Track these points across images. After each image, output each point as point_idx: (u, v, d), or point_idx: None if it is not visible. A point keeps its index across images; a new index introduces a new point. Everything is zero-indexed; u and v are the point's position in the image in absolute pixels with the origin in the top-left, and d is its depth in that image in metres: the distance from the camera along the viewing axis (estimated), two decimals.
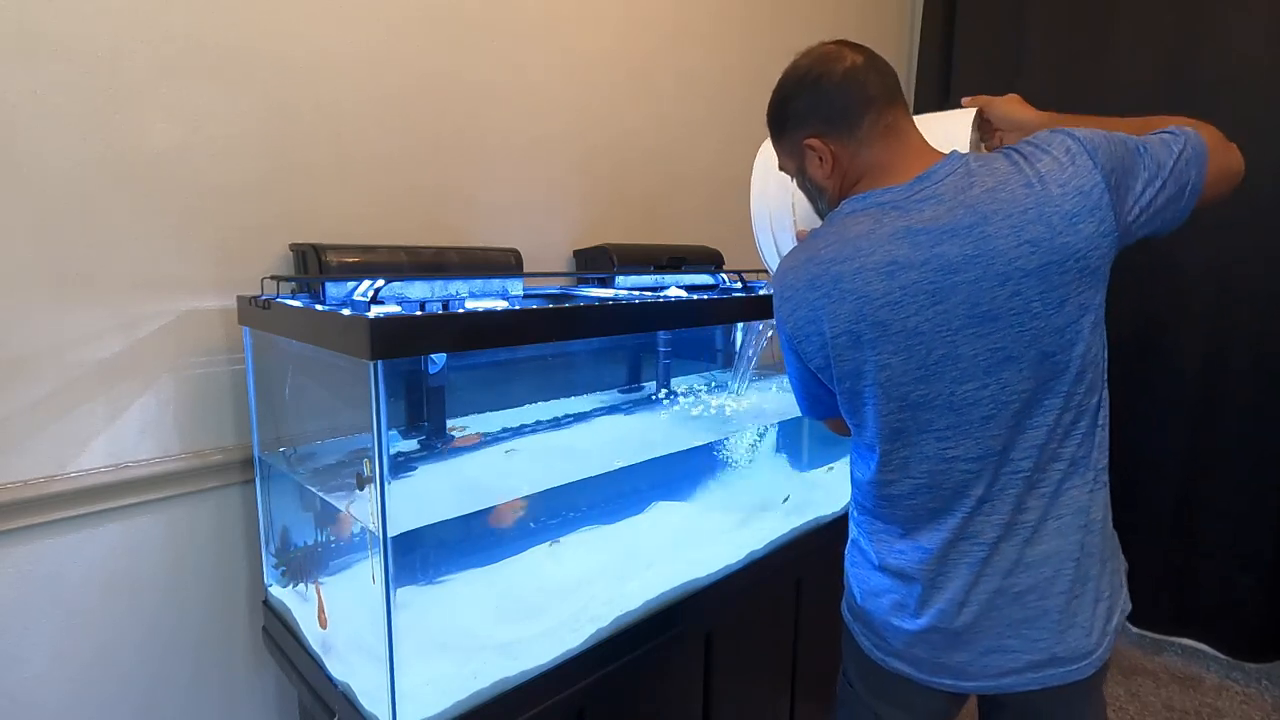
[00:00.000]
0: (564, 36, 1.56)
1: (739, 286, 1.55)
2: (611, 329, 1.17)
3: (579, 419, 1.48)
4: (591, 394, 1.63)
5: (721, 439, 1.61)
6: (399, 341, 0.83)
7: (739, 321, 1.85)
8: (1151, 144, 0.78)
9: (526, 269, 1.43)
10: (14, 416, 0.96)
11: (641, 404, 1.63)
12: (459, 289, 1.09)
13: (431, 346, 0.98)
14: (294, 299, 1.06)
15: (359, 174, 1.26)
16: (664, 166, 1.84)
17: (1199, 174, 0.78)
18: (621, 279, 1.48)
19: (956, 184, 0.77)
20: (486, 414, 1.42)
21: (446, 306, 0.94)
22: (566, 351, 1.61)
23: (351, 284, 1.04)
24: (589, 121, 1.64)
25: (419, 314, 0.86)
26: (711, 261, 1.73)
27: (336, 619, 1.06)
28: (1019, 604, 0.81)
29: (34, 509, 0.98)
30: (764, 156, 1.15)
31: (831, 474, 1.79)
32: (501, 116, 1.46)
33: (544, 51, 1.52)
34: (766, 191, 1.12)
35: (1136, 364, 2.21)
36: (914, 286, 0.75)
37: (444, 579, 1.20)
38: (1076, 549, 0.80)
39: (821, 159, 0.85)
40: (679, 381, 1.77)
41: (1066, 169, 0.74)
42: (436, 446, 1.24)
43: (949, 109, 1.00)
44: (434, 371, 1.23)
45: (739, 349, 1.71)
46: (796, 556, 1.44)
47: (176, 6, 1.04)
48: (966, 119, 0.95)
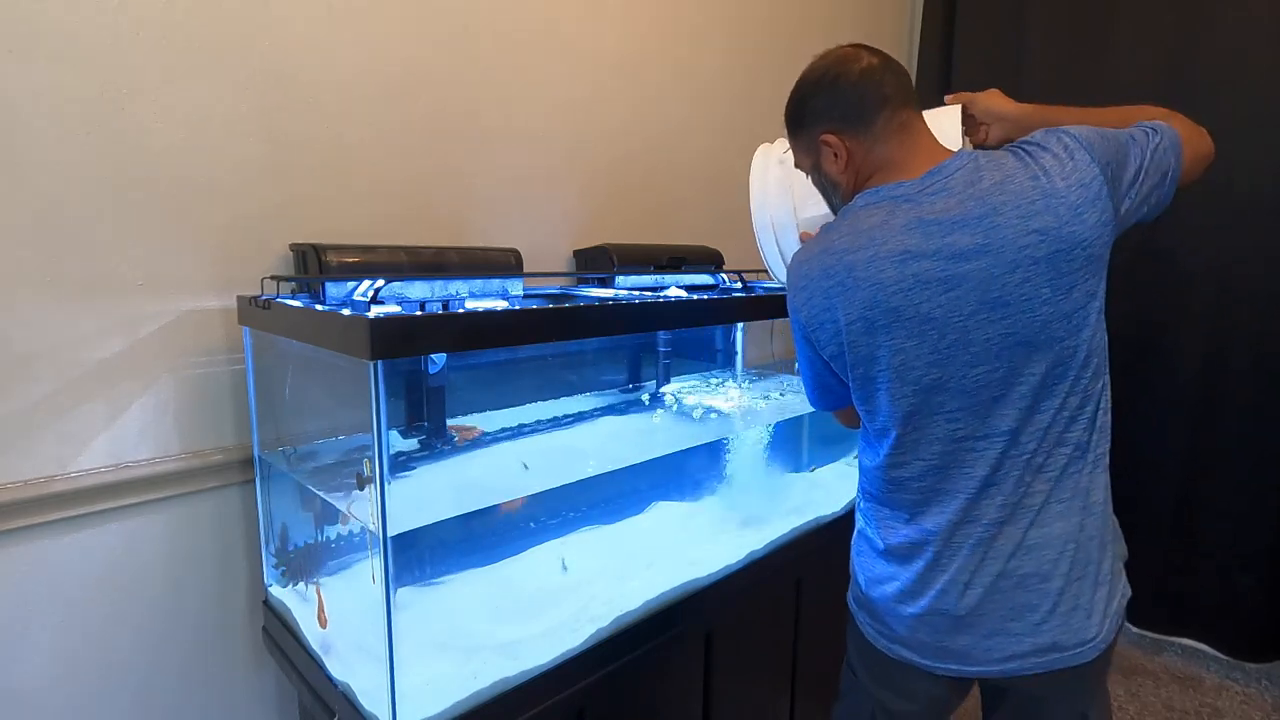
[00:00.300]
0: (565, 37, 1.56)
1: (739, 286, 1.55)
2: (611, 329, 1.17)
3: (579, 419, 1.48)
4: (591, 394, 1.63)
5: (722, 439, 1.61)
6: (399, 341, 0.83)
7: (739, 321, 1.85)
8: (1136, 136, 0.85)
9: (526, 269, 1.43)
10: (14, 416, 0.96)
11: (641, 404, 1.63)
12: (459, 289, 1.09)
13: (431, 346, 0.98)
14: (294, 299, 1.06)
15: (359, 174, 1.26)
16: (664, 167, 1.84)
17: (1177, 160, 0.85)
18: (621, 279, 1.48)
19: (966, 178, 0.80)
20: (486, 413, 1.42)
21: (446, 306, 0.94)
22: (566, 351, 1.61)
23: (351, 284, 1.04)
24: (589, 122, 1.64)
25: (419, 314, 0.87)
26: (711, 261, 1.73)
27: (337, 619, 1.06)
28: (1022, 587, 0.82)
29: (34, 509, 0.98)
30: (760, 162, 1.16)
31: (831, 473, 1.79)
32: (502, 117, 1.46)
33: (544, 52, 1.52)
34: (766, 194, 1.13)
35: (1136, 364, 2.21)
36: (926, 274, 0.78)
37: (444, 579, 1.20)
38: (1076, 531, 0.82)
39: (836, 154, 0.88)
40: (679, 381, 1.77)
41: (1067, 164, 0.79)
42: (436, 446, 1.24)
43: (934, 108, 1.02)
44: (434, 371, 1.24)
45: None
46: (796, 556, 1.44)
47: (177, 6, 1.04)
48: (954, 115, 1.00)
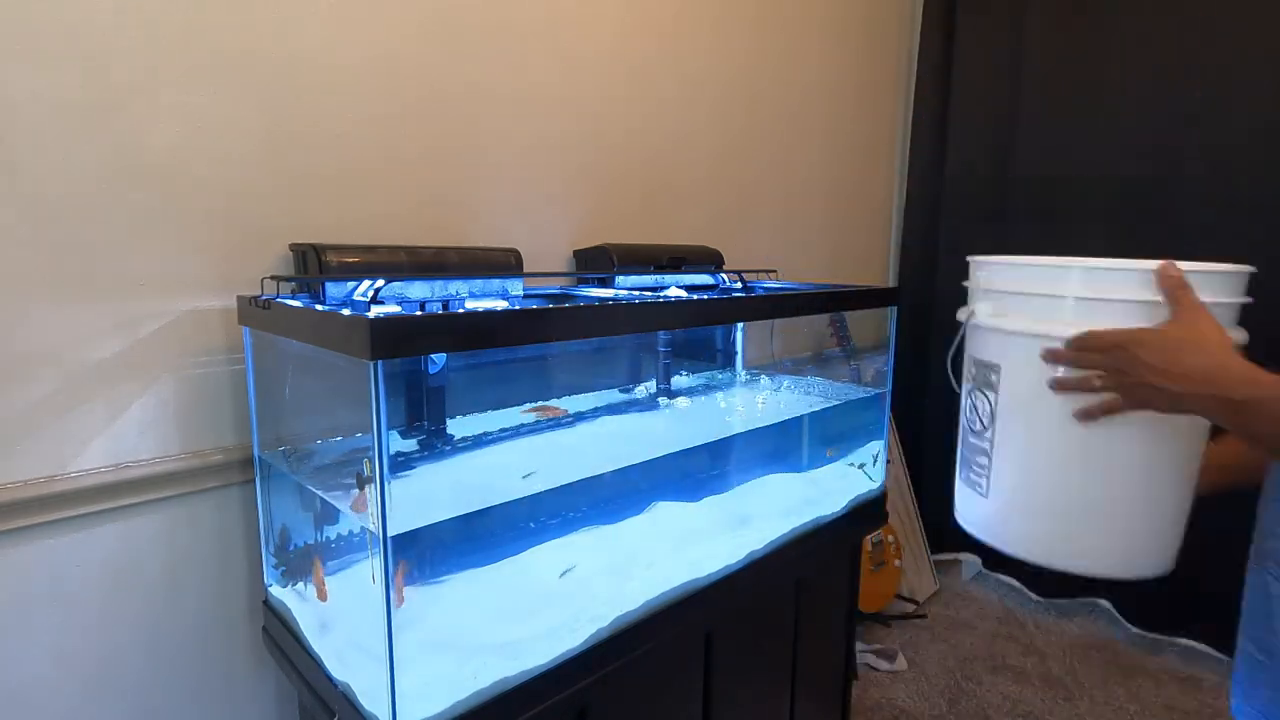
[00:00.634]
0: (564, 37, 1.56)
1: (739, 286, 1.56)
2: (611, 329, 1.17)
3: (579, 418, 1.48)
4: (591, 393, 1.63)
5: (722, 438, 1.61)
6: (399, 341, 0.83)
7: (739, 321, 1.85)
8: None
9: (526, 269, 1.43)
10: (14, 416, 0.96)
11: (641, 403, 1.63)
12: (459, 289, 1.09)
13: (431, 346, 0.98)
14: (294, 299, 1.06)
15: (359, 174, 1.26)
16: (664, 166, 1.84)
17: None
18: (621, 279, 1.48)
19: None
20: (486, 413, 1.42)
21: (446, 306, 0.95)
22: (566, 351, 1.61)
23: (351, 284, 1.04)
24: (589, 121, 1.64)
25: (419, 314, 0.87)
26: (711, 261, 1.73)
27: (336, 619, 1.06)
28: None
29: (34, 509, 0.98)
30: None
31: (831, 473, 1.79)
32: (502, 116, 1.46)
33: (544, 51, 1.52)
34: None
35: None
36: None
37: (444, 579, 1.20)
38: None
39: None
40: (679, 381, 1.77)
41: None
42: (436, 446, 1.24)
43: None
44: (434, 371, 1.24)
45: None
46: (796, 556, 1.44)
47: (177, 6, 1.04)
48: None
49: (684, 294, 1.40)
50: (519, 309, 0.99)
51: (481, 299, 1.11)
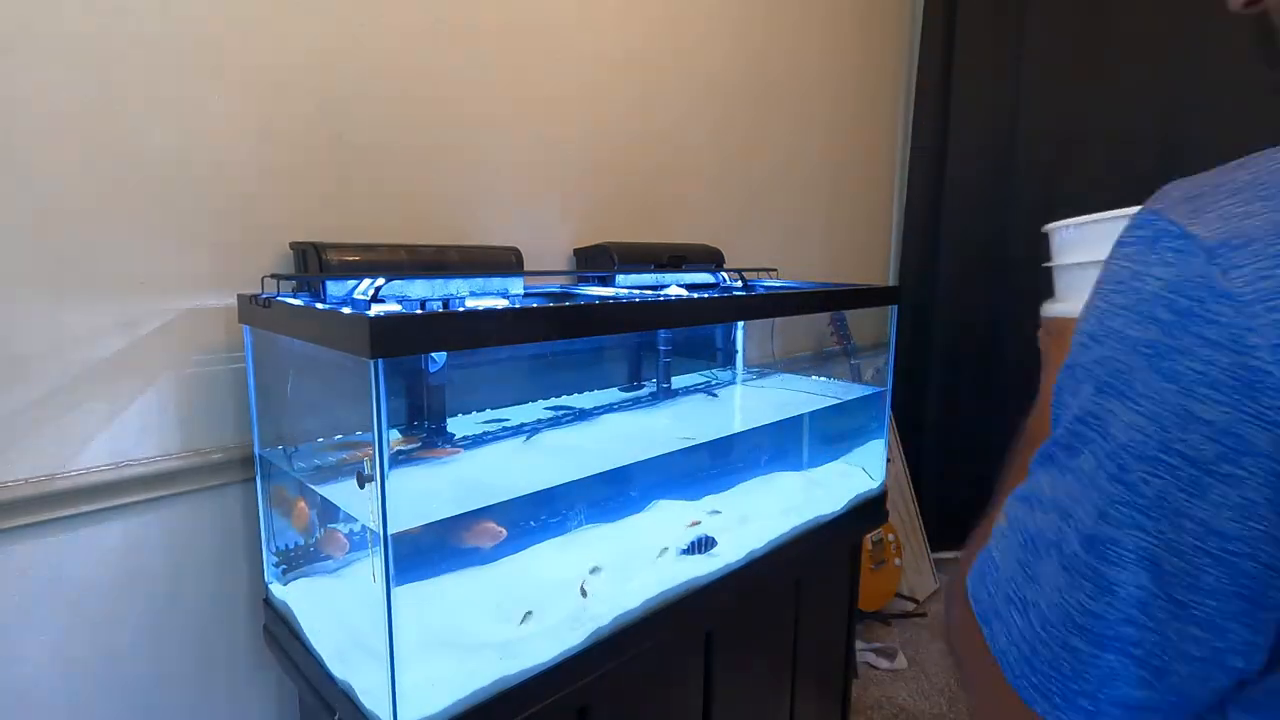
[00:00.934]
0: (565, 36, 1.56)
1: (739, 285, 1.56)
2: (612, 328, 1.17)
3: (579, 417, 1.48)
4: (591, 392, 1.63)
5: (722, 437, 1.61)
6: (399, 340, 0.83)
7: (739, 320, 1.85)
8: None
9: (527, 268, 1.43)
10: (15, 415, 0.97)
11: (642, 402, 1.63)
12: (459, 288, 1.09)
13: (432, 345, 0.98)
14: (294, 297, 1.06)
15: (360, 172, 1.26)
16: (665, 165, 1.83)
17: None
18: (622, 278, 1.48)
19: None
20: (486, 412, 1.42)
21: (447, 305, 0.95)
22: (567, 350, 1.61)
23: (352, 282, 1.04)
24: (590, 120, 1.64)
25: (419, 313, 0.87)
26: (712, 260, 1.73)
27: (337, 618, 1.06)
28: None
29: (35, 507, 0.98)
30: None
31: (831, 472, 1.79)
32: (503, 115, 1.46)
33: (545, 50, 1.52)
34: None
35: None
36: None
37: (445, 577, 1.20)
38: None
39: None
40: (679, 380, 1.77)
41: None
42: (437, 445, 1.24)
43: None
44: (434, 370, 1.24)
45: None
46: (796, 556, 1.44)
47: (177, 5, 1.04)
48: None
49: (684, 293, 1.40)
50: (519, 308, 0.99)
51: (482, 298, 1.11)
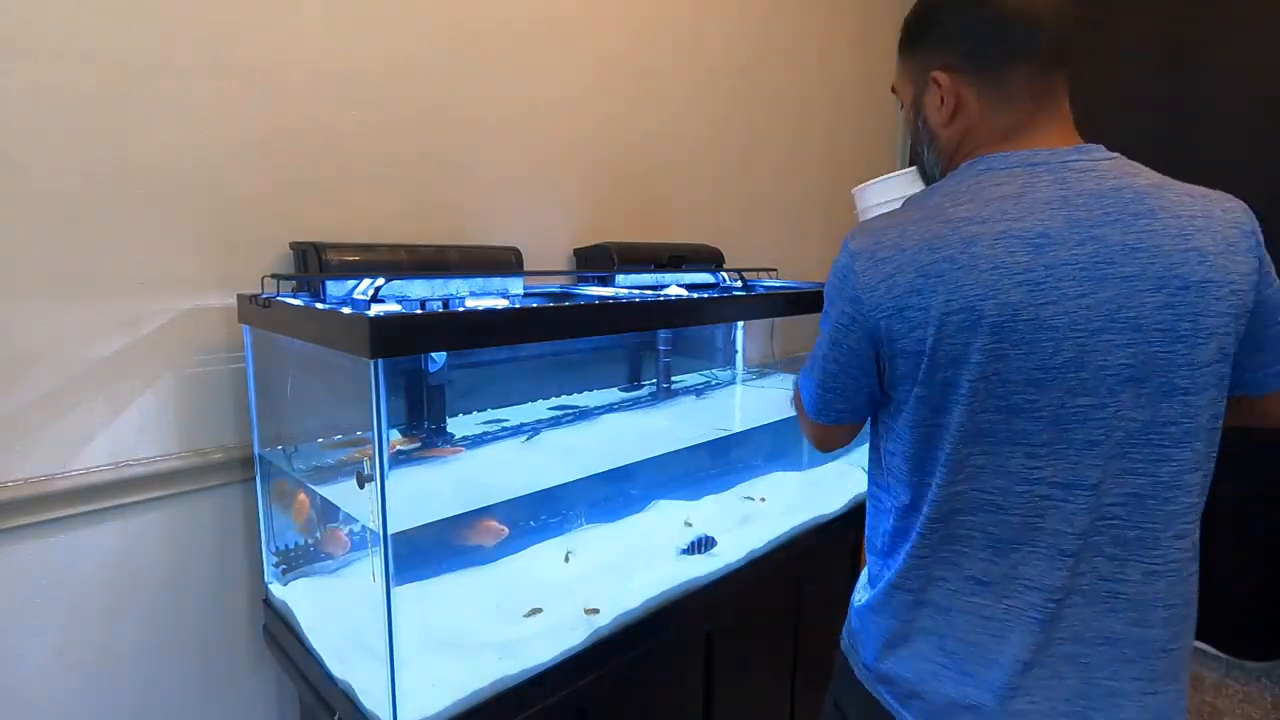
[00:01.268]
0: (565, 36, 1.56)
1: (739, 285, 1.55)
2: (612, 328, 1.17)
3: (579, 417, 1.48)
4: (591, 392, 1.63)
5: (722, 437, 1.61)
6: (399, 340, 0.83)
7: (739, 320, 1.85)
8: None
9: (527, 268, 1.43)
10: (15, 415, 0.96)
11: (642, 402, 1.63)
12: (459, 288, 1.09)
13: (431, 345, 0.98)
14: (294, 297, 1.06)
15: (360, 172, 1.26)
16: (665, 165, 1.83)
17: None
18: (622, 278, 1.48)
19: (1120, 168, 0.67)
20: (487, 411, 1.42)
21: (447, 305, 0.94)
22: (567, 350, 1.61)
23: (352, 282, 1.04)
24: (590, 120, 1.64)
25: (419, 313, 0.86)
26: (712, 260, 1.73)
27: (337, 618, 1.06)
28: (1091, 685, 0.68)
29: (35, 507, 0.98)
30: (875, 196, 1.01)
31: (831, 472, 1.79)
32: (502, 115, 1.46)
33: (545, 50, 1.52)
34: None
35: None
36: (1062, 269, 0.62)
37: (445, 576, 1.20)
38: (1171, 640, 0.68)
39: (944, 100, 0.71)
40: (679, 380, 1.77)
41: (1226, 199, 0.68)
42: (437, 444, 1.24)
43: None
44: (434, 370, 1.24)
45: None
46: (796, 556, 1.44)
47: (178, 4, 1.04)
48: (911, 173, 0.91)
49: (684, 293, 1.40)
50: (519, 307, 0.99)
51: (482, 298, 1.11)
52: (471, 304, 1.00)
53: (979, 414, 0.66)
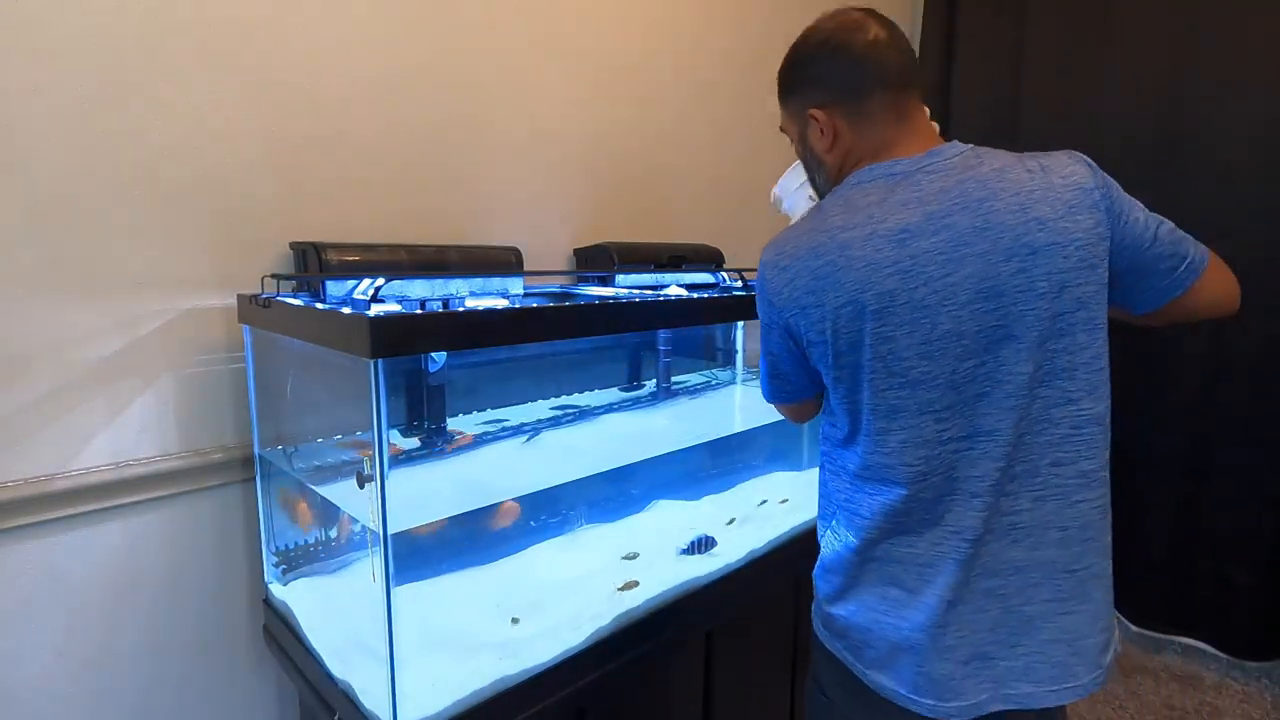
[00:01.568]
0: (565, 36, 1.56)
1: (739, 285, 1.55)
2: (612, 328, 1.17)
3: (579, 417, 1.48)
4: (591, 392, 1.63)
5: (722, 437, 1.61)
6: (399, 340, 0.83)
7: (739, 320, 1.85)
8: (1150, 214, 0.81)
9: (527, 268, 1.43)
10: (15, 415, 0.97)
11: (642, 402, 1.63)
12: (459, 288, 1.09)
13: (432, 345, 0.98)
14: (294, 297, 1.06)
15: (360, 172, 1.26)
16: (665, 165, 1.83)
17: (1201, 259, 0.81)
18: (622, 278, 1.48)
19: (965, 162, 0.78)
20: (486, 411, 1.42)
21: (447, 305, 0.94)
22: (567, 350, 1.61)
23: (352, 282, 1.03)
24: (590, 120, 1.63)
25: (419, 313, 0.86)
26: (712, 260, 1.73)
27: (337, 618, 1.06)
28: (1009, 613, 0.77)
29: (35, 507, 0.98)
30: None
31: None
32: (503, 115, 1.46)
33: (545, 51, 1.52)
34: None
35: (1137, 364, 2.21)
36: (925, 256, 0.73)
37: (445, 576, 1.20)
38: (1073, 561, 0.77)
39: (823, 131, 0.84)
40: (680, 380, 1.77)
41: (1066, 165, 0.77)
42: (437, 444, 1.24)
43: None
44: (434, 370, 1.24)
45: None
46: (796, 556, 1.44)
47: (178, 4, 1.04)
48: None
49: (684, 293, 1.40)
50: (519, 307, 0.99)
51: (482, 298, 1.11)
52: (471, 304, 0.99)
53: (885, 390, 0.76)
